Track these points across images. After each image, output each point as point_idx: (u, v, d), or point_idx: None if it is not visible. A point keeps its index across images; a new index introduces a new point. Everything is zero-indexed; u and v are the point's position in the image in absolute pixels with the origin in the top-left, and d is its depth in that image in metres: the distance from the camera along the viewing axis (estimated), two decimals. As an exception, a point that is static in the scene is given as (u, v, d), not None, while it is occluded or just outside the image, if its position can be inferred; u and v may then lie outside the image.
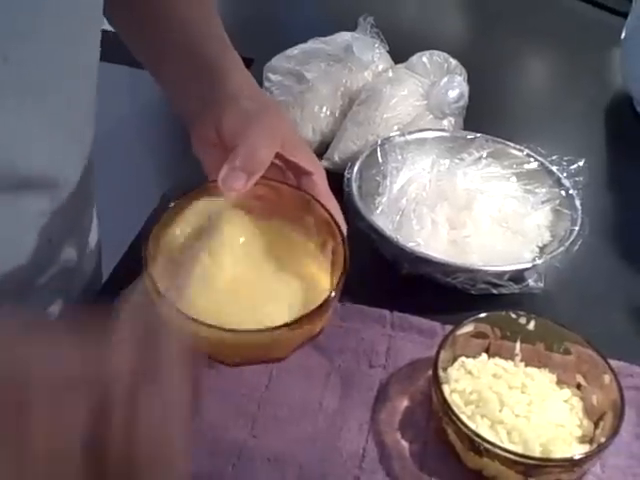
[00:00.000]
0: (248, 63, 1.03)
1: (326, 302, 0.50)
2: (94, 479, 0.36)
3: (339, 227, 0.54)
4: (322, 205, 0.56)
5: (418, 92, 0.85)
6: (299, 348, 0.52)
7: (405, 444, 0.58)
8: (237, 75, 0.61)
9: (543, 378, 0.60)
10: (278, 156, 0.57)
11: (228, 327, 0.47)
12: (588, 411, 0.59)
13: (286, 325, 0.48)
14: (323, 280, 0.54)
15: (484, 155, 0.78)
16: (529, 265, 0.68)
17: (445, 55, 0.88)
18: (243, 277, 0.53)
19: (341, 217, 0.56)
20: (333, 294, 0.51)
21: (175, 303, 0.48)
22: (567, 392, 0.60)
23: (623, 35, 1.03)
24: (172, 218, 0.55)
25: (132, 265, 0.67)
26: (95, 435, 0.36)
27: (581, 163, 0.77)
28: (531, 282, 0.70)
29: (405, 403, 0.61)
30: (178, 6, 0.67)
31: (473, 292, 0.68)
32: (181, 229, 0.55)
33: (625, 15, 1.04)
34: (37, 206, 0.59)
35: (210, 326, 0.47)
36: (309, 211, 0.56)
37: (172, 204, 0.55)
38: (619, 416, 0.55)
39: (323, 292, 0.51)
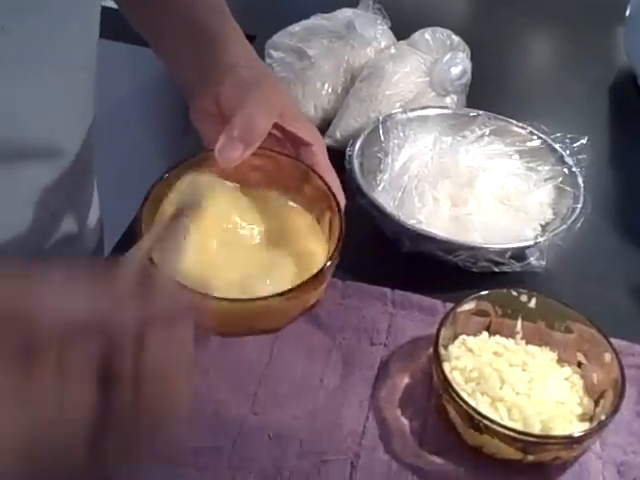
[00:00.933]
0: (250, 40, 1.02)
1: (320, 272, 0.50)
2: (99, 428, 0.36)
3: (336, 199, 0.54)
4: (320, 176, 0.55)
5: (420, 69, 0.84)
6: (294, 320, 0.52)
7: (405, 421, 0.58)
8: (236, 45, 0.61)
9: (544, 356, 0.60)
10: (276, 127, 0.56)
11: (222, 296, 0.47)
12: (588, 389, 0.59)
13: (280, 294, 0.48)
14: (319, 251, 0.53)
15: (487, 133, 0.77)
16: (531, 243, 0.68)
17: (448, 32, 0.87)
18: (238, 248, 0.53)
19: (339, 189, 0.56)
20: (328, 264, 0.50)
21: (168, 273, 0.46)
22: (568, 370, 0.60)
23: (627, 13, 1.02)
24: (168, 188, 0.54)
25: (133, 242, 0.67)
26: (105, 377, 0.36)
27: (584, 141, 0.77)
28: (533, 260, 0.70)
29: (406, 380, 0.61)
30: None
31: (475, 270, 0.68)
32: (176, 199, 0.54)
33: (630, -8, 1.04)
34: (38, 178, 0.59)
35: (204, 295, 0.46)
36: (307, 182, 0.56)
37: (167, 174, 0.54)
38: (620, 394, 0.55)
39: (319, 263, 0.51)
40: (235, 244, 0.53)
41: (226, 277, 0.51)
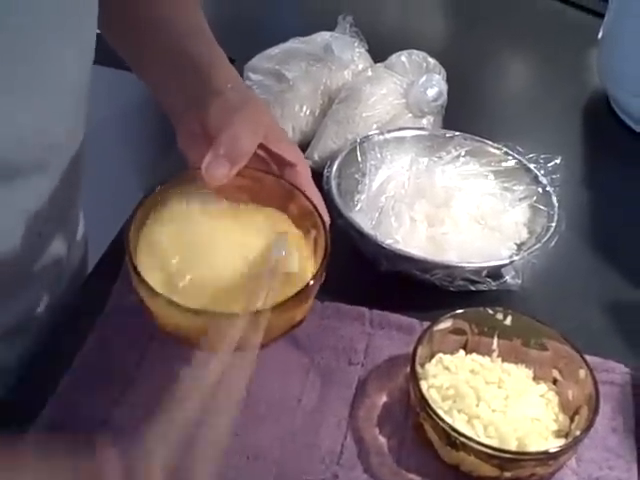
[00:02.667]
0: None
1: (305, 289, 0.51)
2: None
3: (321, 217, 0.55)
4: (305, 195, 0.56)
5: (397, 91, 0.85)
6: (280, 337, 0.53)
7: (383, 440, 0.58)
8: (222, 70, 0.62)
9: (520, 373, 0.61)
10: (261, 147, 0.57)
11: (207, 310, 0.48)
12: (564, 406, 0.59)
13: (260, 311, 0.49)
14: (306, 269, 0.54)
15: (462, 153, 0.78)
16: (507, 262, 0.69)
17: (424, 54, 0.88)
18: (224, 266, 0.53)
19: (324, 207, 0.57)
20: (312, 282, 0.51)
21: (157, 290, 0.49)
22: (543, 387, 0.60)
23: (600, 35, 1.04)
24: (154, 207, 0.55)
25: (115, 259, 0.68)
26: None
27: (558, 160, 0.78)
28: (508, 279, 0.70)
29: (383, 399, 0.61)
30: (160, 3, 0.68)
31: (451, 289, 0.69)
32: (163, 219, 0.56)
33: (602, 15, 1.06)
34: (26, 199, 0.59)
35: (187, 310, 0.48)
36: (292, 201, 0.57)
37: (155, 191, 0.55)
38: (594, 410, 0.56)
39: (305, 280, 0.52)
40: (222, 263, 0.54)
41: (212, 293, 0.51)
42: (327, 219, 0.56)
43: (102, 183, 0.98)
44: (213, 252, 0.54)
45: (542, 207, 0.74)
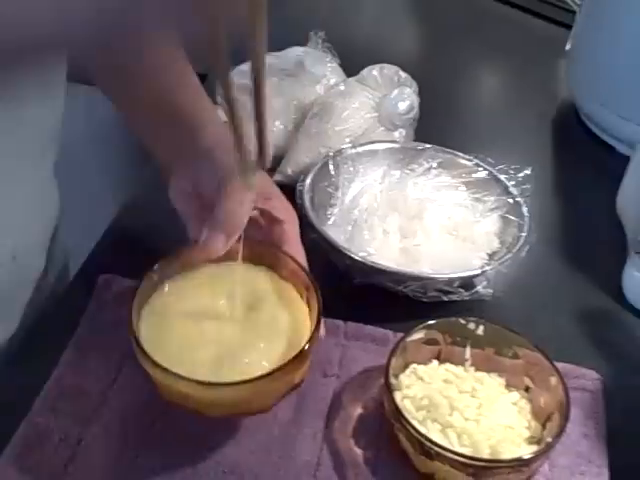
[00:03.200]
0: (201, 79, 1.04)
1: (301, 354, 0.53)
2: None
3: (311, 277, 0.58)
4: (292, 258, 0.59)
5: (369, 105, 0.86)
6: (282, 398, 0.56)
7: (359, 451, 0.59)
8: (212, 129, 0.63)
9: (492, 382, 0.62)
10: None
11: (206, 381, 0.51)
12: (536, 413, 0.60)
13: (259, 378, 0.51)
14: (303, 332, 0.56)
15: (434, 165, 0.79)
16: (478, 272, 0.70)
17: (396, 68, 0.89)
18: (225, 329, 0.56)
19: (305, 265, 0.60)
20: (307, 346, 0.54)
21: (160, 362, 0.52)
22: (515, 395, 0.61)
23: (568, 46, 1.06)
24: (154, 280, 0.58)
25: (89, 276, 0.68)
26: None
27: (528, 171, 0.79)
28: (480, 289, 0.71)
29: (358, 411, 0.62)
30: (148, 54, 0.68)
31: (424, 300, 0.70)
32: (165, 288, 0.59)
33: (570, 27, 1.08)
34: None
35: (189, 381, 0.50)
36: (281, 265, 0.60)
37: (156, 266, 0.58)
38: (565, 416, 0.57)
39: (302, 338, 0.55)
40: (223, 325, 0.57)
41: (214, 361, 0.54)
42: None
43: (79, 198, 0.98)
44: (210, 320, 0.57)
45: (513, 217, 0.75)
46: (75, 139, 0.71)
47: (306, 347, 0.54)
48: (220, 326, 0.56)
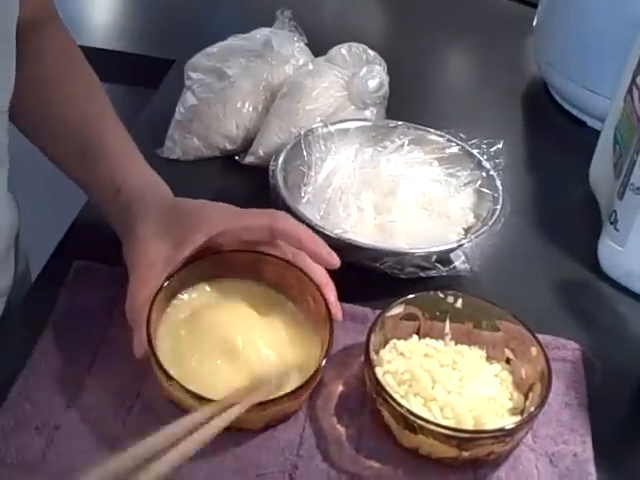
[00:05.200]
0: (169, 64, 1.03)
1: (299, 389, 0.55)
2: None
3: (331, 320, 0.59)
4: (323, 295, 0.60)
5: (339, 83, 0.85)
6: (275, 424, 0.57)
7: (341, 429, 0.58)
8: (152, 200, 0.63)
9: (473, 354, 0.62)
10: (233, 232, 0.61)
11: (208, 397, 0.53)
12: (518, 384, 0.60)
13: (258, 404, 0.53)
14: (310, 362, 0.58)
15: (406, 142, 0.79)
16: (454, 246, 0.70)
17: (364, 47, 0.88)
18: (238, 351, 0.58)
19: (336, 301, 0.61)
20: (303, 388, 0.56)
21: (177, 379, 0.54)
22: (497, 367, 0.61)
23: (534, 23, 1.06)
24: (169, 296, 0.60)
25: (59, 264, 0.67)
26: None
27: (500, 145, 0.79)
28: (458, 264, 0.71)
29: (340, 388, 0.61)
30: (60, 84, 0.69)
31: (402, 276, 0.69)
32: (180, 304, 0.60)
33: (535, 6, 1.08)
34: None
35: (196, 397, 0.53)
36: (310, 293, 0.61)
37: (167, 282, 0.58)
38: (547, 386, 0.57)
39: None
40: (236, 348, 0.58)
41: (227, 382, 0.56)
42: (339, 317, 0.61)
43: (41, 188, 0.96)
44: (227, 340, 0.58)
45: (487, 191, 0.75)
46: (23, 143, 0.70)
47: (303, 385, 0.56)
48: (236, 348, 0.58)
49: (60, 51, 0.71)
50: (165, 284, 0.58)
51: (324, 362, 0.57)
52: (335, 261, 0.61)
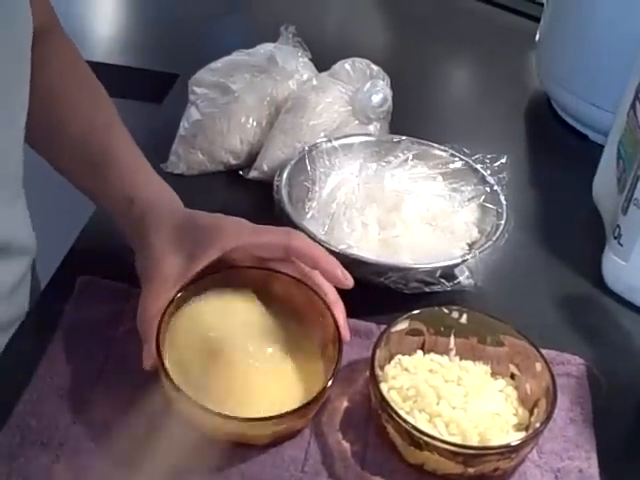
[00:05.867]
0: (173, 78, 1.03)
1: (305, 406, 0.55)
2: None
3: (341, 343, 0.59)
4: (333, 315, 0.60)
5: (343, 98, 0.85)
6: (280, 441, 0.57)
7: (347, 445, 0.58)
8: (158, 208, 0.63)
9: (478, 370, 0.62)
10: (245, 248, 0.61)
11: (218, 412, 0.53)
12: (523, 400, 0.60)
13: (265, 418, 0.54)
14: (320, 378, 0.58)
15: (410, 157, 0.79)
16: (458, 261, 0.70)
17: (367, 61, 0.89)
18: (241, 368, 0.58)
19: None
20: (309, 406, 0.56)
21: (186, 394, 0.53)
22: (502, 382, 0.61)
23: (537, 38, 1.06)
24: (181, 308, 0.60)
25: (65, 278, 0.67)
26: None
27: (504, 160, 0.79)
28: (462, 279, 0.71)
29: (345, 404, 0.61)
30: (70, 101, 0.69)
31: (406, 291, 0.69)
32: (191, 319, 0.60)
33: (538, 19, 1.08)
34: None
35: (207, 410, 0.53)
36: (322, 315, 0.61)
37: (179, 294, 0.59)
38: (552, 402, 0.57)
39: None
40: (239, 364, 0.58)
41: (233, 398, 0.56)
42: (348, 338, 0.60)
43: (55, 198, 0.96)
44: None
45: (490, 206, 0.75)
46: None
47: (310, 403, 0.56)
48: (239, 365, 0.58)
49: (65, 61, 0.71)
50: (177, 296, 0.59)
51: (331, 381, 0.56)
52: (349, 282, 0.61)
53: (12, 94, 0.60)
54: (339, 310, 0.61)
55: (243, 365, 0.58)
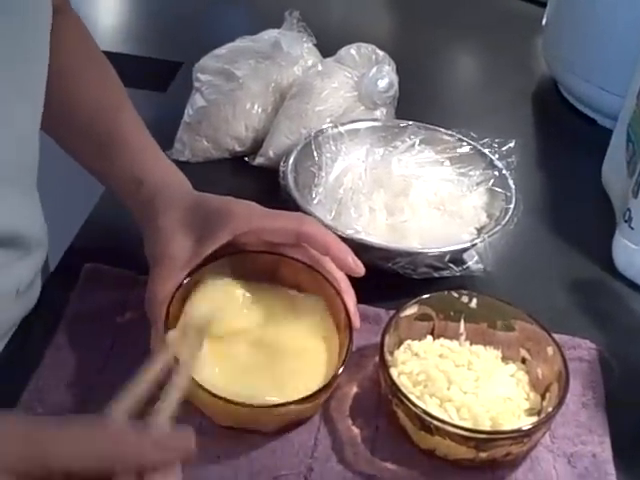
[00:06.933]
0: (177, 67, 1.02)
1: (312, 395, 0.54)
2: None
3: (351, 327, 0.58)
4: (344, 302, 0.59)
5: (348, 84, 0.85)
6: (290, 428, 0.56)
7: (356, 430, 0.58)
8: (167, 190, 0.63)
9: (488, 355, 0.61)
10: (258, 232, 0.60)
11: (228, 398, 0.52)
12: (534, 384, 0.59)
13: (274, 405, 0.53)
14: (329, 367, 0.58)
15: (417, 142, 0.78)
16: (468, 245, 0.69)
17: (372, 47, 0.88)
18: (254, 350, 0.58)
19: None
20: (320, 393, 0.55)
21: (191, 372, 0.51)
22: (512, 367, 0.60)
23: (544, 22, 1.05)
24: (190, 290, 0.59)
25: (71, 265, 0.66)
26: None
27: (512, 144, 0.78)
28: (471, 264, 0.70)
29: (354, 390, 0.60)
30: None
31: (415, 277, 0.69)
32: (200, 300, 0.59)
33: (544, 5, 1.07)
34: (3, 260, 0.59)
35: (214, 396, 0.52)
36: (326, 295, 0.61)
37: (187, 280, 0.58)
38: (564, 386, 0.56)
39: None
40: (253, 346, 0.58)
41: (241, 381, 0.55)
42: (358, 325, 0.60)
43: (62, 186, 0.96)
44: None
45: (499, 190, 0.74)
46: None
47: (320, 390, 0.55)
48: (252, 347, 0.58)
49: (75, 41, 0.70)
50: (185, 281, 0.58)
51: (342, 369, 0.56)
52: (359, 269, 0.61)
53: (33, 83, 0.59)
54: (350, 297, 0.61)
55: (257, 349, 0.57)
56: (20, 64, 0.55)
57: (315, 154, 0.76)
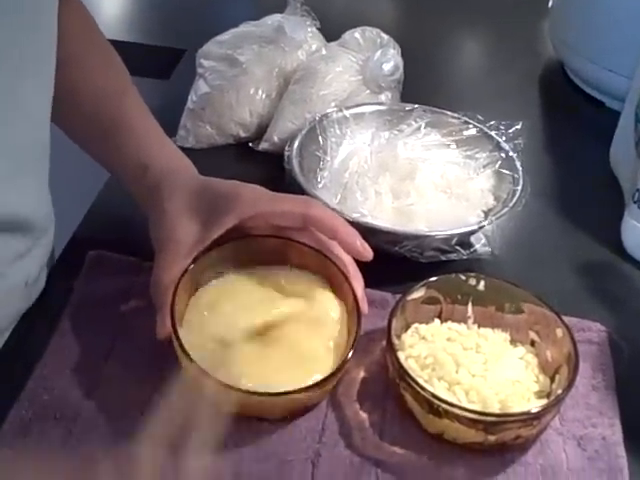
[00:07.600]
0: (180, 54, 1.02)
1: (323, 381, 0.54)
2: None
3: (359, 312, 0.58)
4: (351, 287, 0.59)
5: (353, 68, 0.84)
6: (297, 414, 0.56)
7: (364, 415, 0.57)
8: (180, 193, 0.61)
9: (497, 337, 0.60)
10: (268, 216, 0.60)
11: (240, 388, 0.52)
12: (543, 367, 0.59)
13: (282, 393, 0.53)
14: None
15: (423, 125, 0.78)
16: (475, 227, 0.68)
17: (377, 30, 0.87)
18: (266, 340, 0.57)
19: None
20: (328, 379, 0.55)
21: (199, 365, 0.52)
22: (521, 349, 0.60)
23: (550, 5, 1.04)
24: (194, 278, 0.58)
25: (74, 254, 0.65)
26: None
27: (519, 126, 0.77)
28: (478, 247, 0.70)
29: (362, 374, 0.60)
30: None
31: (422, 260, 0.68)
32: (206, 287, 0.59)
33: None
34: (13, 249, 0.58)
35: (227, 386, 0.52)
36: (334, 281, 0.60)
37: (192, 265, 0.57)
38: (574, 369, 0.55)
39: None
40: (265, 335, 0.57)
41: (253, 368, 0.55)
42: (366, 311, 0.59)
43: (65, 175, 0.96)
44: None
45: (506, 172, 0.73)
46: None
47: (329, 376, 0.55)
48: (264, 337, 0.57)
49: (79, 28, 0.69)
50: (191, 267, 0.57)
51: (351, 353, 0.55)
52: (367, 253, 0.60)
53: (45, 62, 0.59)
54: (358, 282, 0.60)
55: (264, 335, 0.57)
56: (31, 47, 0.55)
57: (320, 138, 0.76)
